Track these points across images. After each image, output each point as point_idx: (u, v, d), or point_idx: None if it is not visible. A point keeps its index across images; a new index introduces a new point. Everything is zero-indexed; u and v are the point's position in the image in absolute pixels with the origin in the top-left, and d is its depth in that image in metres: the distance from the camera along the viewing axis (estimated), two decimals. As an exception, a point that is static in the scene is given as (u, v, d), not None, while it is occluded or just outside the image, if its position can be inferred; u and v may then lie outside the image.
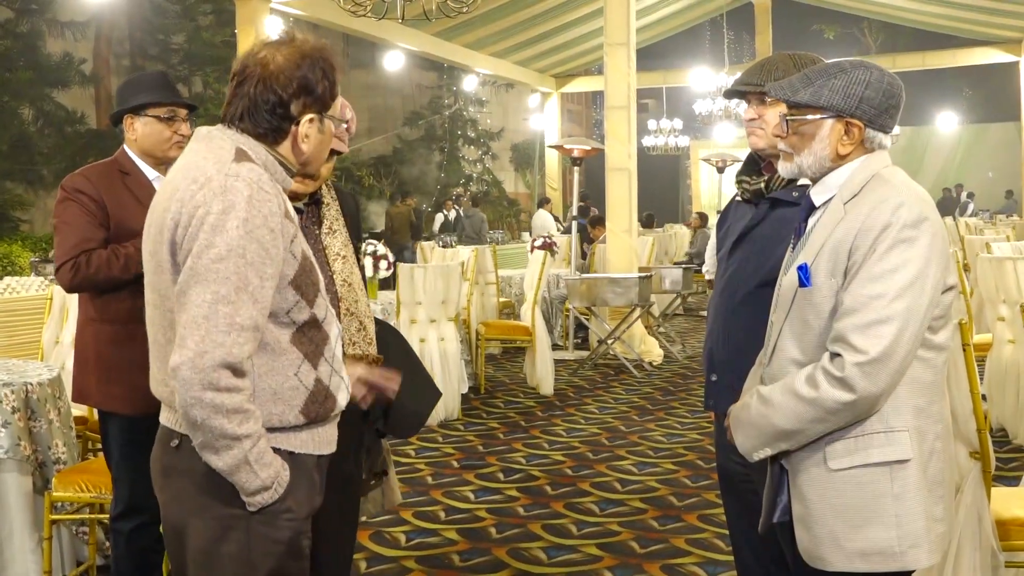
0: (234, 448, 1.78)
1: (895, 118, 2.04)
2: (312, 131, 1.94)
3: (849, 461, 1.96)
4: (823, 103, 2.01)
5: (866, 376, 1.87)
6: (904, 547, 1.94)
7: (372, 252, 6.93)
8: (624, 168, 9.67)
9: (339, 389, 1.98)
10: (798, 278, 2.01)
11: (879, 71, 2.02)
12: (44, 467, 3.62)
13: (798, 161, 2.07)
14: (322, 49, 1.95)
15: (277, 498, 1.85)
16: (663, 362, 9.34)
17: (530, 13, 14.13)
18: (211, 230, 1.77)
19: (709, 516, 4.64)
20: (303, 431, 1.92)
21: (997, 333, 5.81)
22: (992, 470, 2.84)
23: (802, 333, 2.01)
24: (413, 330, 6.74)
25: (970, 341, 2.74)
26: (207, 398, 1.74)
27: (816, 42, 26.59)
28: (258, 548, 1.86)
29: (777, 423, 1.98)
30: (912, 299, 1.89)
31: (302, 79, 1.90)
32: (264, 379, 1.86)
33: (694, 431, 6.49)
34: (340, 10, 8.01)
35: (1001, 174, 23.91)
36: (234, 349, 1.75)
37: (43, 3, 17.27)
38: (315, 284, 1.92)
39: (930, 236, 1.92)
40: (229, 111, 1.93)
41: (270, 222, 1.80)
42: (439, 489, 5.17)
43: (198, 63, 19.21)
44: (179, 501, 1.91)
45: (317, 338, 1.92)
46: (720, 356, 2.60)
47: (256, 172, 1.83)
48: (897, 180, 1.99)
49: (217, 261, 1.76)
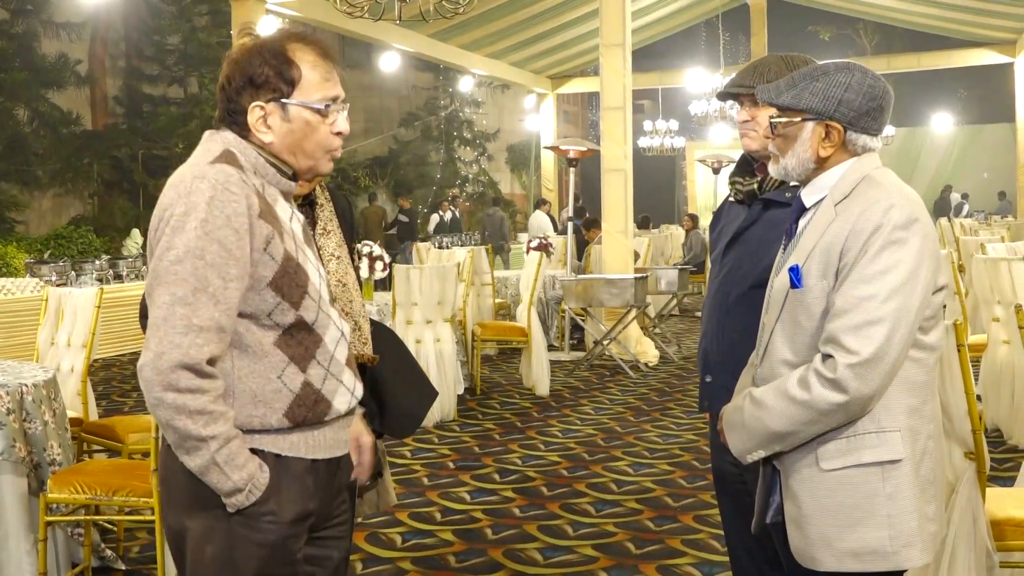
0: (201, 449, 1.77)
1: (879, 120, 2.04)
2: (275, 121, 1.91)
3: (841, 462, 1.96)
4: (803, 106, 2.02)
5: (858, 377, 1.88)
6: (897, 547, 1.94)
7: (368, 253, 6.91)
8: (620, 169, 9.68)
9: (336, 393, 1.94)
10: (789, 279, 2.02)
11: (862, 73, 2.02)
12: (39, 469, 3.61)
13: (783, 163, 2.09)
14: (274, 39, 1.93)
15: (255, 500, 1.83)
16: (659, 363, 9.35)
17: (526, 14, 14.14)
18: (172, 232, 1.78)
19: (705, 517, 4.64)
20: (291, 434, 1.89)
21: (992, 334, 5.81)
22: (987, 470, 2.84)
23: (793, 334, 2.02)
24: (409, 331, 6.72)
25: (965, 342, 2.74)
26: (168, 399, 1.74)
27: (812, 43, 26.60)
28: (240, 550, 1.85)
29: (770, 425, 1.99)
30: (903, 300, 1.89)
31: (243, 72, 1.89)
32: (244, 381, 1.84)
33: (690, 432, 6.49)
34: (336, 11, 8.02)
35: (996, 175, 23.95)
36: (191, 351, 1.74)
37: (39, 4, 17.27)
38: (301, 286, 1.88)
39: (921, 237, 1.93)
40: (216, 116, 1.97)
41: (234, 223, 1.78)
42: (435, 490, 5.16)
43: (194, 64, 19.15)
44: (171, 502, 1.92)
45: (308, 341, 1.90)
46: (714, 357, 2.60)
47: (225, 173, 1.81)
48: (887, 182, 2.00)
49: (176, 263, 1.76)
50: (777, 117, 2.07)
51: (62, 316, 4.74)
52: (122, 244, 16.48)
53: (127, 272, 14.27)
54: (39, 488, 3.57)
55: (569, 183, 10.22)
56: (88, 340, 4.57)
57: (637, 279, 8.77)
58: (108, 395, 8.02)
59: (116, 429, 4.41)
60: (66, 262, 13.71)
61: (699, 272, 13.56)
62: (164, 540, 3.35)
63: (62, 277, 12.71)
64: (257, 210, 1.82)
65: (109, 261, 14.22)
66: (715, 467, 2.74)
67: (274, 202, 1.90)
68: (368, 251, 6.93)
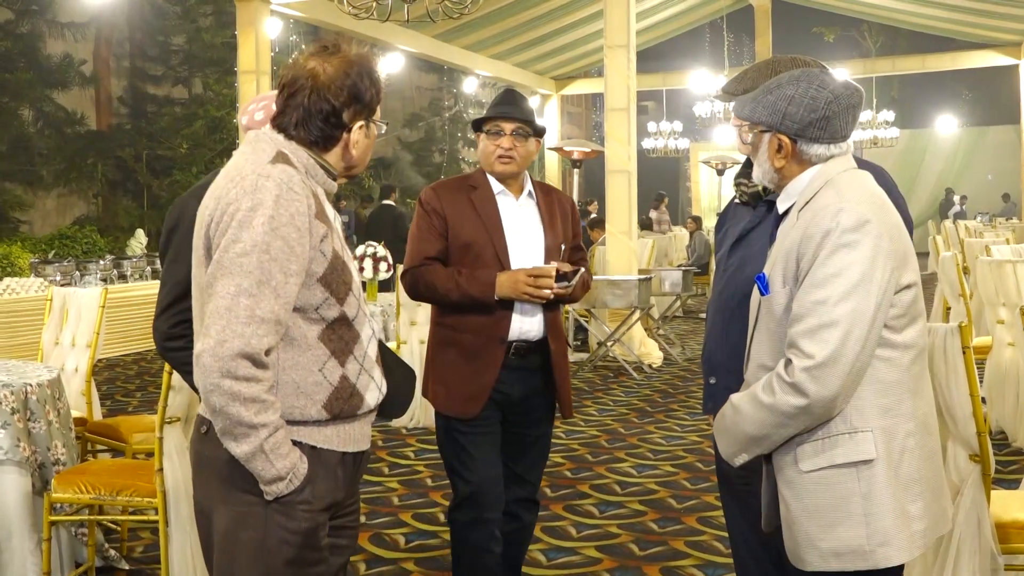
0: (251, 436, 1.83)
1: (830, 128, 2.06)
2: (360, 136, 2.04)
3: (817, 462, 2.00)
4: (756, 118, 2.11)
5: (815, 380, 1.91)
6: (873, 545, 1.96)
7: (372, 254, 6.94)
8: (624, 170, 9.67)
9: (368, 388, 2.03)
10: (757, 287, 2.09)
11: (808, 84, 2.06)
12: (43, 468, 3.62)
13: (755, 171, 2.19)
14: (367, 57, 2.04)
15: (294, 488, 1.90)
16: (662, 364, 9.33)
17: (530, 15, 14.08)
18: (238, 226, 1.85)
19: (708, 518, 4.62)
20: (327, 427, 1.97)
21: (997, 336, 5.80)
22: (992, 473, 2.83)
23: (767, 341, 2.07)
24: (413, 332, 6.68)
25: (970, 344, 2.73)
26: (225, 385, 1.80)
27: (816, 45, 26.50)
28: (275, 536, 1.91)
29: (746, 429, 2.05)
30: (857, 302, 1.92)
31: (352, 88, 1.99)
32: (288, 373, 1.92)
33: (694, 433, 6.47)
34: (340, 12, 7.98)
35: (1000, 177, 23.87)
36: (253, 340, 1.81)
37: (43, 4, 17.29)
38: (346, 283, 1.98)
39: (873, 238, 1.94)
40: (283, 121, 2.01)
41: (296, 221, 1.87)
42: (438, 491, 5.13)
43: (198, 64, 19.18)
44: (206, 486, 1.98)
45: (347, 336, 1.98)
46: (718, 359, 2.61)
47: (288, 173, 1.90)
48: (845, 185, 2.03)
49: (242, 255, 1.83)
50: (745, 127, 2.17)
51: (66, 316, 4.74)
52: (126, 244, 16.50)
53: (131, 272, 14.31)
54: (43, 488, 3.57)
55: (573, 184, 10.22)
56: (92, 340, 4.58)
57: (641, 280, 8.75)
58: (112, 395, 8.01)
59: (120, 429, 4.41)
60: (70, 262, 13.79)
61: (703, 273, 13.52)
62: (168, 540, 3.39)
63: (66, 277, 12.80)
64: (315, 210, 1.92)
65: (113, 261, 14.28)
66: (719, 469, 2.75)
67: (324, 202, 2.00)
68: (372, 252, 6.95)
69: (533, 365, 3.14)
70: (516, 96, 3.19)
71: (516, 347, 3.09)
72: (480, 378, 3.06)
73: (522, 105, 3.16)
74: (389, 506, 4.89)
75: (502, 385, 3.08)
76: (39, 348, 4.82)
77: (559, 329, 3.19)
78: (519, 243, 3.12)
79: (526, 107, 3.17)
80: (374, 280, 6.93)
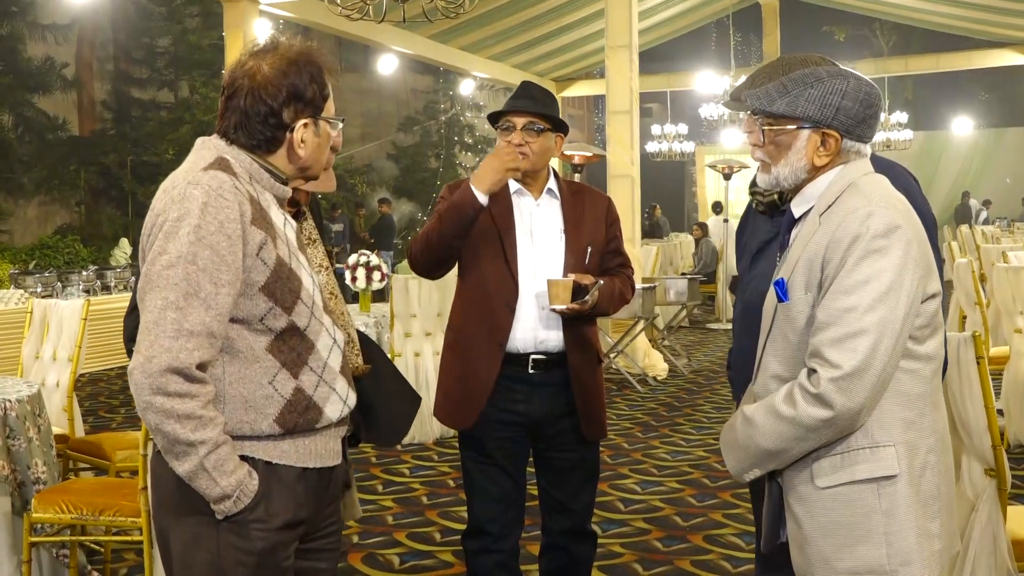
0: (190, 454, 1.81)
1: (873, 128, 2.07)
2: (308, 135, 1.98)
3: (836, 479, 1.96)
4: (799, 113, 2.03)
5: (842, 391, 1.87)
6: (895, 565, 1.93)
7: (365, 263, 6.80)
8: (627, 175, 9.60)
9: (328, 400, 1.98)
10: (776, 293, 2.03)
11: (856, 80, 2.03)
12: (23, 487, 3.62)
13: (775, 172, 2.09)
14: (308, 52, 1.99)
15: (244, 507, 1.87)
16: (668, 376, 9.23)
17: (529, 15, 14.02)
18: (164, 237, 1.83)
19: (715, 537, 4.57)
20: (283, 441, 1.93)
21: (1014, 345, 5.73)
22: (1008, 488, 2.82)
23: (783, 349, 2.03)
24: (408, 343, 6.60)
25: (985, 354, 2.72)
26: (157, 403, 1.78)
27: (826, 44, 26.66)
28: (229, 557, 1.89)
29: (761, 443, 2.00)
30: (887, 310, 1.88)
31: (291, 87, 1.95)
32: (235, 386, 1.89)
33: (700, 448, 6.36)
34: (331, 12, 7.80)
35: (1019, 180, 23.66)
36: (182, 355, 1.79)
37: (24, 5, 17.29)
38: (294, 292, 1.93)
39: (903, 244, 1.91)
40: (223, 125, 1.97)
41: (227, 228, 1.83)
42: (434, 509, 5.08)
43: (185, 67, 19.17)
44: (160, 506, 1.96)
45: (300, 347, 1.94)
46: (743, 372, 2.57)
47: (219, 179, 1.86)
48: (871, 189, 1.98)
49: (167, 268, 1.81)
50: (769, 125, 2.07)
51: (47, 329, 4.77)
52: (110, 254, 16.84)
53: (115, 283, 14.54)
54: (23, 508, 3.57)
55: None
56: (74, 354, 4.58)
57: (645, 289, 8.61)
58: (95, 411, 7.91)
59: (103, 446, 4.42)
60: (52, 273, 13.99)
61: (709, 282, 13.42)
62: (152, 561, 3.37)
63: (48, 288, 13.00)
64: (250, 216, 1.87)
65: (96, 272, 14.86)
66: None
67: (268, 208, 1.95)
68: (365, 261, 6.83)
69: (557, 381, 2.99)
70: (532, 89, 3.09)
71: (535, 361, 2.96)
72: (473, 385, 2.96)
73: (537, 97, 3.04)
74: (383, 525, 4.85)
75: (519, 404, 2.97)
76: (19, 362, 4.83)
77: (588, 342, 3.04)
78: (534, 245, 3.02)
79: (542, 100, 3.04)
80: (367, 290, 6.76)
